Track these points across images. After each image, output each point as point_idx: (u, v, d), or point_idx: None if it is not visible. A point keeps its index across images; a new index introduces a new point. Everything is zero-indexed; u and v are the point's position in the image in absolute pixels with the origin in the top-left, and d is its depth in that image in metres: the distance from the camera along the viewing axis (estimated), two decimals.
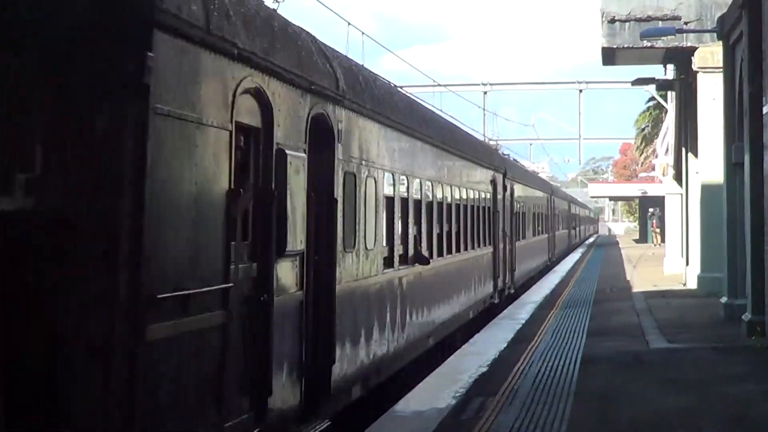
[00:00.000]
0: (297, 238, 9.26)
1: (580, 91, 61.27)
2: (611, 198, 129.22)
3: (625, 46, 27.92)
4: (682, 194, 33.20)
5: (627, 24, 27.44)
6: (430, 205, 16.49)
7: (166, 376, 6.89)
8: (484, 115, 59.12)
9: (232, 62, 7.93)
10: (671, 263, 36.51)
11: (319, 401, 10.34)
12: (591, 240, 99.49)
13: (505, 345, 17.88)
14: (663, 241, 52.57)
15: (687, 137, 30.99)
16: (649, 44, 27.42)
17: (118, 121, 6.46)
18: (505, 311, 24.99)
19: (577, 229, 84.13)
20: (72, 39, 6.51)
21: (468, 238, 20.61)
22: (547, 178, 75.37)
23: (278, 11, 11.12)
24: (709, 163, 25.53)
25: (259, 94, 8.59)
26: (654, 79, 35.90)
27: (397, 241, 14.10)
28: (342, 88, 11.24)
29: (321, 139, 10.45)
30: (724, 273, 21.49)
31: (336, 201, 10.86)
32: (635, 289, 30.66)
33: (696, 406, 12.10)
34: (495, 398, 12.45)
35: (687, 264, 30.79)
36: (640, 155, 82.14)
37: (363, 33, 25.34)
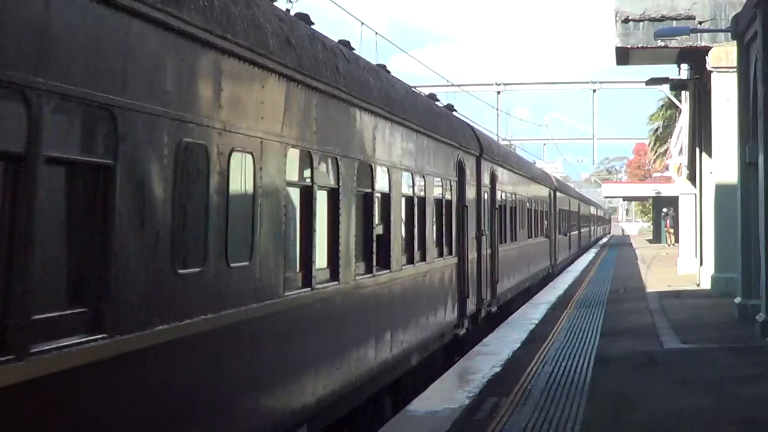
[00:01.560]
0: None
1: (594, 91, 61.16)
2: (625, 198, 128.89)
3: (639, 45, 27.87)
4: (696, 194, 33.12)
5: (641, 24, 27.39)
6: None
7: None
8: (498, 115, 59.09)
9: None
10: (685, 263, 36.43)
11: None
12: (603, 241, 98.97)
13: (519, 345, 17.88)
14: (677, 241, 52.43)
15: (701, 137, 30.93)
16: (663, 44, 27.37)
17: None
18: (517, 312, 24.93)
19: (580, 231, 64.33)
20: None
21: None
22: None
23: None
24: (723, 163, 25.48)
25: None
26: (668, 78, 35.79)
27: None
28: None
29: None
30: (737, 273, 21.44)
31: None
32: (649, 290, 30.60)
33: (710, 406, 12.09)
34: (508, 398, 12.46)
35: (701, 264, 30.72)
36: (654, 155, 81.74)
37: (376, 33, 25.39)
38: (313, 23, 11.29)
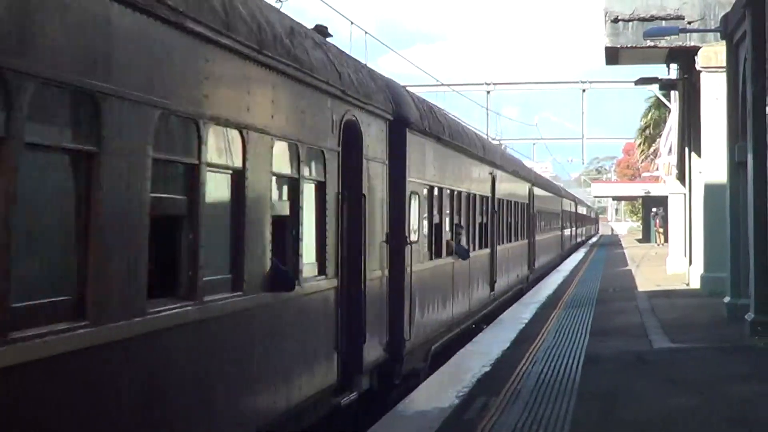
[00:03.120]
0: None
1: (584, 90, 61.19)
2: (614, 198, 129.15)
3: (629, 45, 27.92)
4: (685, 194, 33.19)
5: (630, 23, 27.43)
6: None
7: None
8: (488, 114, 59.07)
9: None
10: (674, 263, 36.48)
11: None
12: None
13: (509, 344, 17.88)
14: (666, 240, 52.52)
15: (690, 137, 30.98)
16: (652, 44, 27.42)
17: None
18: (507, 311, 25.03)
19: (532, 241, 35.51)
20: None
21: None
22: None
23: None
24: (713, 163, 25.52)
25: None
26: (657, 78, 35.85)
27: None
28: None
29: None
30: (727, 273, 21.47)
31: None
32: (638, 289, 30.64)
33: (699, 406, 12.10)
34: (498, 398, 12.45)
35: (690, 264, 30.77)
36: (641, 155, 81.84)
37: (366, 32, 25.37)
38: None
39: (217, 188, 8.37)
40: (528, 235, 34.27)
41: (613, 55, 29.69)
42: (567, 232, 62.18)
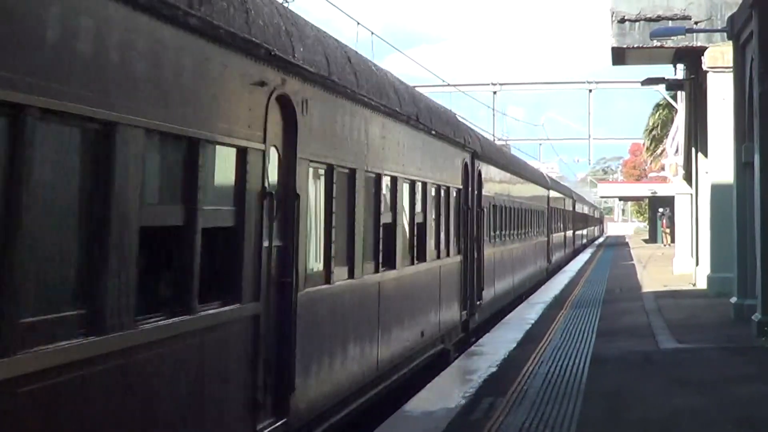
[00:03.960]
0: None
1: (590, 91, 61.18)
2: (621, 198, 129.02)
3: (635, 45, 27.91)
4: (691, 194, 33.17)
5: (637, 24, 27.43)
6: None
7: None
8: (494, 115, 59.10)
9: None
10: (681, 263, 36.44)
11: None
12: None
13: (515, 345, 17.88)
14: (673, 241, 52.46)
15: (697, 137, 30.95)
16: (658, 44, 27.41)
17: None
18: (514, 312, 25.04)
19: None
20: None
21: None
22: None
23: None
24: (719, 163, 25.50)
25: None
26: (664, 78, 35.85)
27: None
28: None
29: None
30: (733, 273, 21.45)
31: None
32: (645, 290, 30.61)
33: (705, 406, 12.09)
34: (504, 398, 12.46)
35: (697, 264, 30.73)
36: (649, 155, 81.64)
37: (372, 33, 25.43)
38: None
39: None
40: (464, 248, 19.84)
41: (620, 56, 29.68)
42: (558, 236, 47.28)
